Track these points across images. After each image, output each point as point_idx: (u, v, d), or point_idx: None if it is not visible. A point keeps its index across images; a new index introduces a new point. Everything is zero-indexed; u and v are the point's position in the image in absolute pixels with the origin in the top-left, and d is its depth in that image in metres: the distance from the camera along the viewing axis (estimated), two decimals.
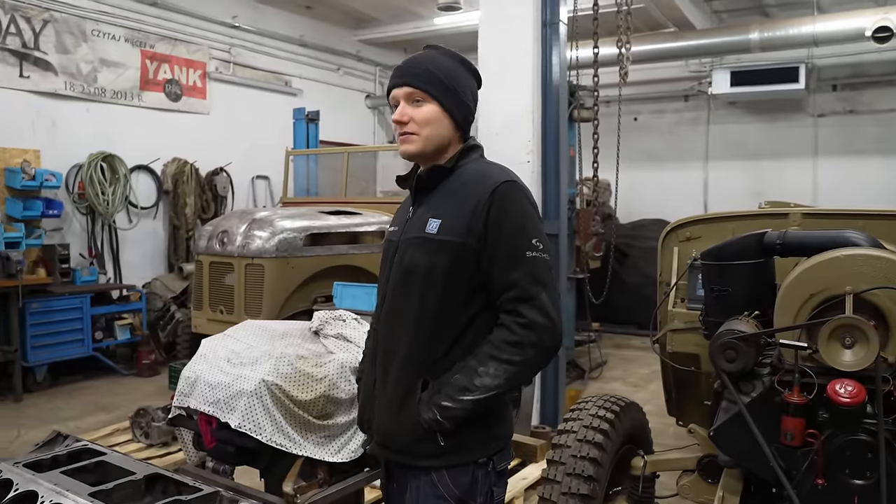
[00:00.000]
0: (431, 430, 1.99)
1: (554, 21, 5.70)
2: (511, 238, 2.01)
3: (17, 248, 7.14)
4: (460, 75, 2.15)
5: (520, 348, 1.97)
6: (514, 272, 1.99)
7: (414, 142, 2.10)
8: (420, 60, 2.14)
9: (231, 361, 3.25)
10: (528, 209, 2.07)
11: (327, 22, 12.04)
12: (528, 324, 1.97)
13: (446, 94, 2.09)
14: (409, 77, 2.10)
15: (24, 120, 7.95)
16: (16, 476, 2.30)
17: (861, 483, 2.20)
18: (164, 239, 9.62)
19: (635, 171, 11.71)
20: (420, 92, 2.08)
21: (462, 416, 1.97)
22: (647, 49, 10.27)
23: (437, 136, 2.11)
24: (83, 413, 6.58)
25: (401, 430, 2.06)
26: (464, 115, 2.15)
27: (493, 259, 2.01)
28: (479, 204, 2.01)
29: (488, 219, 2.00)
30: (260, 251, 6.12)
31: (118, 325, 8.03)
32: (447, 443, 2.01)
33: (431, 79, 2.08)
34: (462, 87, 2.13)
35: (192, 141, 9.82)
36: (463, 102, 2.14)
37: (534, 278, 2.00)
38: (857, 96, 11.04)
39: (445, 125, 2.11)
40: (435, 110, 2.08)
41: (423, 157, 2.14)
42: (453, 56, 2.17)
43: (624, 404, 3.41)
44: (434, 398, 2.00)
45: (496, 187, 2.02)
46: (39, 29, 8.05)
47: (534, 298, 1.98)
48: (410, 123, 2.08)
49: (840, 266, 2.31)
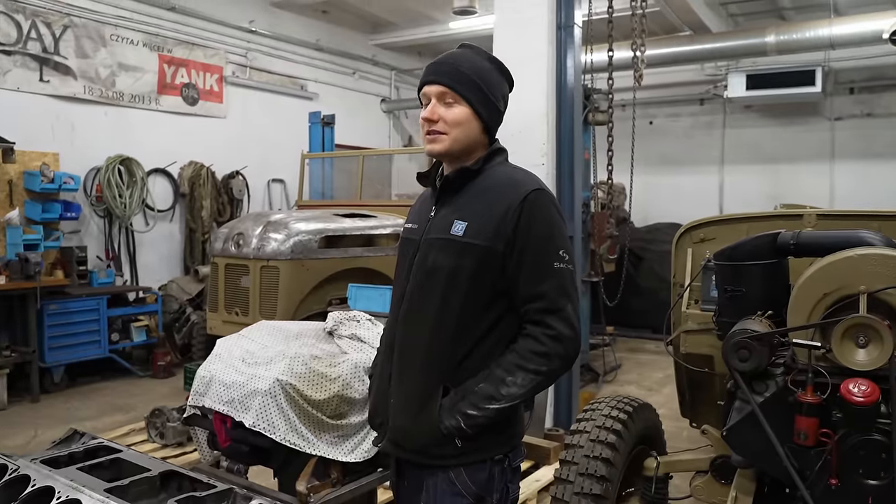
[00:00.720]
0: (451, 436, 2.00)
1: (569, 24, 5.70)
2: (539, 247, 2.01)
3: (36, 250, 7.22)
4: (494, 79, 2.14)
5: (547, 359, 1.98)
6: (542, 283, 2.00)
7: (442, 141, 2.08)
8: (456, 60, 2.11)
9: (246, 361, 3.27)
10: (557, 219, 2.07)
11: (343, 26, 12.10)
12: (556, 336, 1.98)
13: (479, 97, 2.08)
14: (443, 76, 2.07)
15: (43, 123, 8.04)
16: (33, 472, 2.33)
17: (875, 483, 2.18)
18: (180, 241, 9.69)
19: (650, 174, 11.67)
20: (453, 93, 2.06)
21: (485, 424, 1.98)
22: (662, 52, 10.24)
23: (465, 137, 2.09)
24: (99, 413, 6.63)
25: (418, 432, 2.05)
26: (493, 119, 2.15)
27: (520, 266, 2.01)
28: (509, 209, 2.01)
29: (518, 225, 2.00)
30: (275, 253, 6.15)
31: (134, 327, 8.09)
32: (465, 444, 2.02)
33: (466, 81, 2.07)
34: (494, 90, 2.12)
35: (209, 144, 9.90)
36: (494, 106, 2.13)
37: (562, 290, 2.01)
38: (874, 99, 10.96)
39: (474, 128, 2.10)
40: (466, 112, 2.07)
41: (448, 157, 2.13)
42: (489, 58, 2.16)
43: (637, 405, 3.41)
44: (458, 406, 1.99)
45: (527, 194, 2.02)
46: (59, 34, 8.15)
47: (562, 310, 2.00)
48: (440, 123, 2.07)
49: (854, 265, 2.30)
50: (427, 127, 2.09)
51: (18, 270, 6.98)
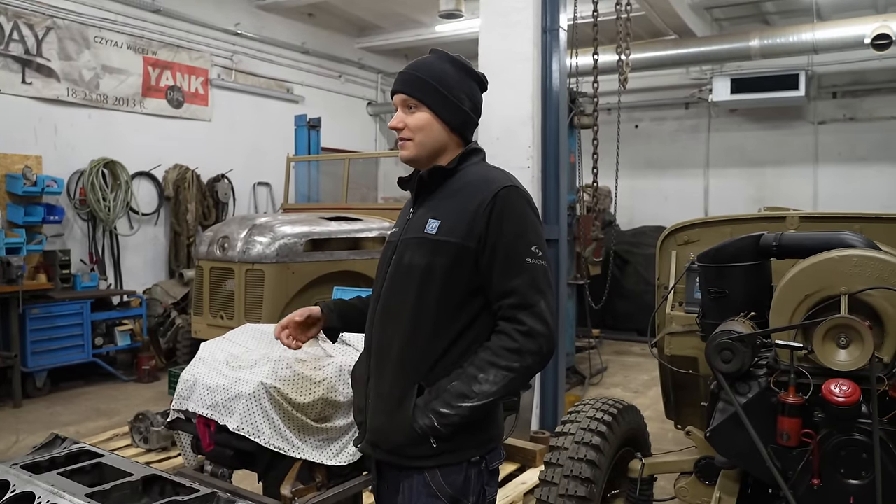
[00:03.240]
0: (426, 435, 1.99)
1: (554, 28, 5.72)
2: (511, 242, 2.02)
3: (18, 254, 7.16)
4: (457, 80, 2.15)
5: (519, 355, 1.97)
6: (514, 279, 2.00)
7: (408, 147, 2.14)
8: (417, 67, 2.16)
9: (230, 365, 3.26)
10: (530, 215, 2.08)
11: (329, 29, 12.10)
12: (528, 332, 1.98)
13: (436, 99, 2.11)
14: (403, 84, 2.15)
15: (26, 126, 7.99)
16: (13, 477, 2.31)
17: (857, 483, 2.20)
18: (164, 245, 9.65)
19: (636, 178, 11.75)
20: (412, 99, 2.12)
21: (459, 423, 1.97)
22: (647, 56, 10.31)
23: (431, 141, 2.13)
24: (83, 418, 6.57)
25: (394, 432, 2.05)
26: (460, 120, 2.16)
27: (492, 262, 2.02)
28: (480, 206, 2.02)
29: (489, 222, 2.01)
30: (260, 257, 6.12)
31: (118, 331, 8.03)
32: (440, 445, 2.01)
33: (424, 86, 2.11)
34: (455, 91, 2.14)
35: (194, 147, 9.86)
36: (455, 106, 2.14)
37: (533, 286, 2.01)
38: (857, 103, 11.08)
39: (438, 130, 2.13)
40: (426, 117, 2.11)
41: (418, 161, 2.17)
42: (453, 61, 2.18)
43: (622, 407, 3.42)
44: (431, 404, 1.99)
45: (498, 191, 2.04)
46: (42, 36, 8.09)
47: (534, 306, 1.99)
48: (405, 130, 2.13)
49: (835, 267, 2.31)
50: (397, 135, 2.17)
51: (0, 274, 6.92)
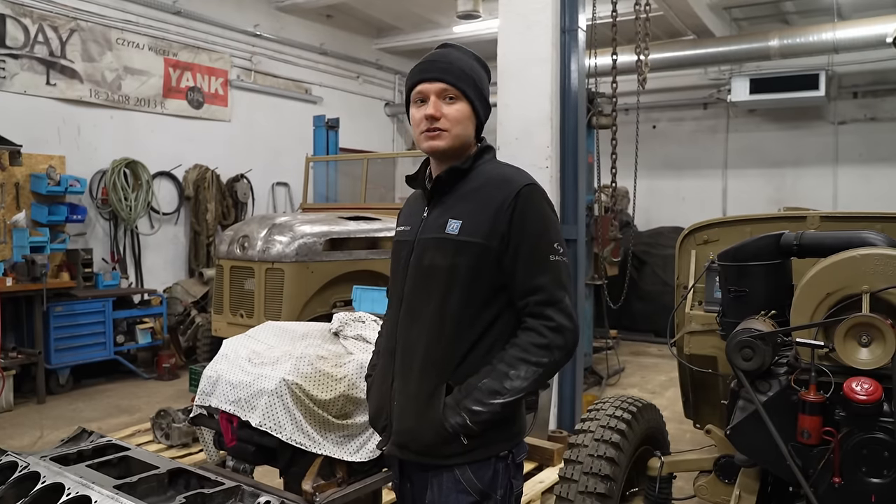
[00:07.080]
0: (457, 434, 2.00)
1: (573, 28, 5.72)
2: (535, 241, 2.04)
3: (42, 253, 7.28)
4: (483, 76, 2.18)
5: (548, 350, 2.00)
6: (539, 277, 2.02)
7: (444, 139, 2.09)
8: (450, 58, 2.13)
9: (252, 361, 3.29)
10: (550, 213, 2.11)
11: (347, 30, 12.15)
12: (556, 327, 2.01)
13: (476, 93, 2.12)
14: (443, 73, 2.09)
15: (50, 127, 8.10)
16: (42, 469, 2.36)
17: (878, 481, 2.19)
18: (184, 244, 9.74)
19: (654, 178, 11.71)
20: (454, 89, 2.08)
21: (490, 420, 1.99)
22: (665, 56, 10.27)
23: (465, 135, 2.12)
24: (105, 415, 6.65)
25: (424, 432, 2.05)
26: (487, 116, 2.18)
27: (517, 261, 2.03)
28: (502, 206, 2.03)
29: (512, 221, 2.03)
30: (280, 256, 6.17)
31: (139, 329, 8.11)
32: (470, 442, 2.03)
33: (465, 78, 2.10)
34: (486, 88, 2.17)
35: (214, 148, 9.95)
36: (487, 103, 2.17)
37: (558, 282, 2.04)
38: (878, 103, 10.97)
39: (472, 125, 2.14)
40: (466, 109, 2.10)
41: (448, 154, 2.14)
42: (474, 57, 2.19)
43: (641, 405, 3.42)
44: (463, 402, 2.00)
45: (520, 190, 2.05)
46: (66, 38, 8.20)
47: (560, 302, 2.03)
48: (442, 120, 2.08)
49: (857, 265, 2.31)
50: (427, 124, 2.08)
51: (25, 272, 7.02)
